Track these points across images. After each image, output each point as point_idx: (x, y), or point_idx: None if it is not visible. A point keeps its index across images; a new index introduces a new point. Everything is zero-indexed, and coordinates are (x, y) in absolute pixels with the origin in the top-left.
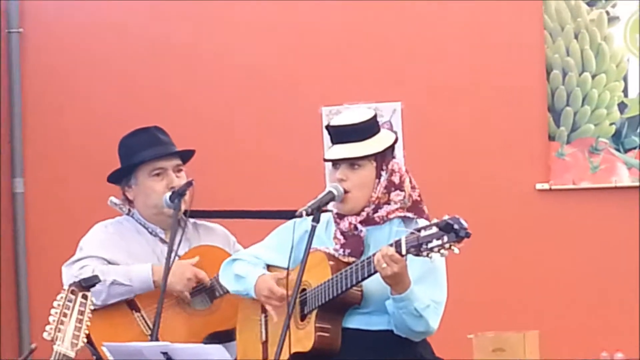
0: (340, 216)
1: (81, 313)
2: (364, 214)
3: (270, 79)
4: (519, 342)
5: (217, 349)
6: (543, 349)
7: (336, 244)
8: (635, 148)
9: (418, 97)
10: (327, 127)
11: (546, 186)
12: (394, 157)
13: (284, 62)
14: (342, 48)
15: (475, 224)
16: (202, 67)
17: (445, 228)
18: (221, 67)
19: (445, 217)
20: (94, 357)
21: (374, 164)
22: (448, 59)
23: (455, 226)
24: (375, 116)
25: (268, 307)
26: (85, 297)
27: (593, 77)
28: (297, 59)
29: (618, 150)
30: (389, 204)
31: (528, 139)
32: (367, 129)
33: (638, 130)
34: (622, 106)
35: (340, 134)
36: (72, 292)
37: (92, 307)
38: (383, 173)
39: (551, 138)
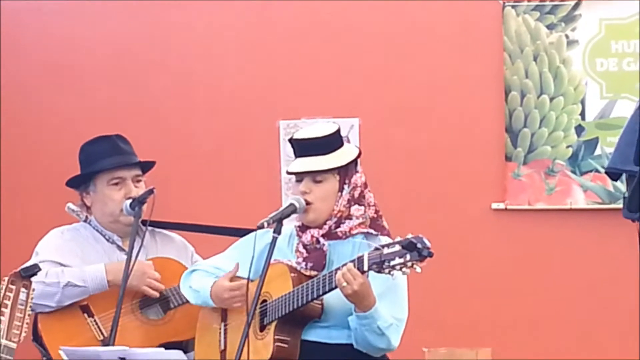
0: (302, 229)
1: (22, 303)
2: (326, 227)
3: (228, 92)
4: (471, 358)
5: (176, 354)
6: None
7: (298, 257)
8: (591, 171)
9: (376, 114)
10: (291, 140)
11: (502, 206)
12: (357, 172)
13: (243, 75)
14: (302, 62)
15: (431, 241)
16: (163, 80)
17: (409, 247)
18: (181, 80)
19: (409, 236)
20: (44, 358)
21: (337, 177)
22: (407, 77)
23: (419, 245)
24: (338, 130)
25: (236, 306)
26: (25, 286)
27: (551, 99)
28: (256, 72)
29: (574, 172)
30: (350, 218)
31: (485, 158)
32: (331, 142)
33: (594, 154)
34: (579, 129)
35: (304, 148)
36: (12, 282)
37: (34, 299)
38: (345, 187)
39: (508, 158)
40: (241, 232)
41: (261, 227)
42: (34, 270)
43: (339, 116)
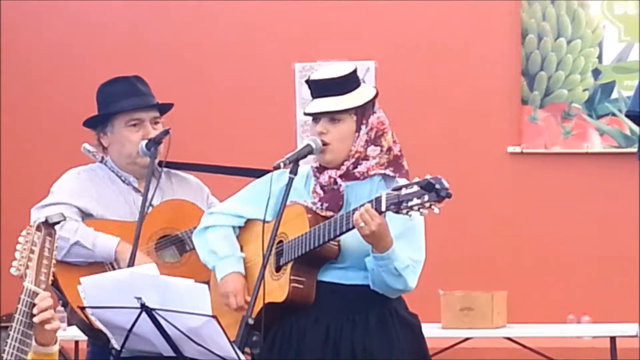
0: (320, 170)
1: (48, 251)
2: (343, 167)
3: (245, 34)
4: (487, 302)
5: (201, 287)
6: (511, 309)
7: (315, 197)
8: (607, 114)
9: (392, 57)
10: (308, 81)
11: (518, 149)
12: (374, 112)
13: (259, 18)
14: (318, 4)
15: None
16: (180, 22)
17: (427, 187)
18: (198, 23)
19: (428, 177)
20: (60, 301)
21: (354, 117)
22: (424, 20)
23: (437, 186)
24: (355, 70)
25: (225, 301)
26: (50, 235)
27: (568, 42)
28: (272, 15)
29: (590, 116)
30: (367, 159)
31: (501, 102)
32: (348, 82)
33: (611, 97)
34: (596, 72)
35: (321, 88)
36: (38, 229)
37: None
38: (363, 127)
39: (524, 102)
40: (257, 173)
41: (277, 167)
42: (58, 219)
43: (355, 59)
